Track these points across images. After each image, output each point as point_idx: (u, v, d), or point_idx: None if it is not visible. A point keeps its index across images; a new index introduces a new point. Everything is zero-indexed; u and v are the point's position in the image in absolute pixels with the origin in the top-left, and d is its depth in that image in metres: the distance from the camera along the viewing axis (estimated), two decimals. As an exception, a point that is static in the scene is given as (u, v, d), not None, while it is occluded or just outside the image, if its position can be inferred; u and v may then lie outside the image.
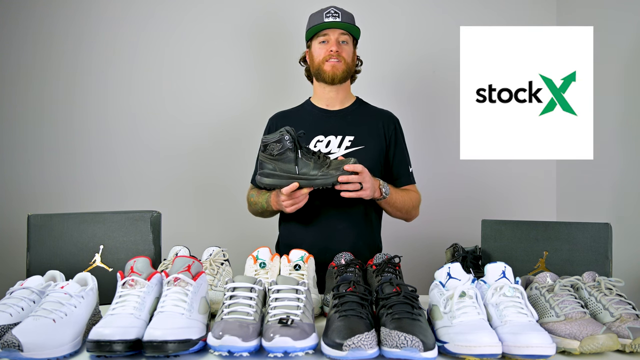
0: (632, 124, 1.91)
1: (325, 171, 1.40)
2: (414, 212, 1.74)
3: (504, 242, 1.49)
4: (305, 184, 1.41)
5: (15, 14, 2.26)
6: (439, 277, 1.09)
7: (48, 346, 0.91)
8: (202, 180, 2.33)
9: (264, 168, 1.43)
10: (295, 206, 1.48)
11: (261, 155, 1.44)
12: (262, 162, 1.44)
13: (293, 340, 0.90)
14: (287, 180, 1.41)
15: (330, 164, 1.42)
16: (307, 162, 1.41)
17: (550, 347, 0.91)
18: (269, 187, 1.45)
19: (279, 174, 1.41)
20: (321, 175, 1.40)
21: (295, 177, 1.40)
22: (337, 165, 1.41)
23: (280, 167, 1.41)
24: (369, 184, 1.47)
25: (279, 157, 1.41)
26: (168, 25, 2.33)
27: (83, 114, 2.29)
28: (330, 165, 1.41)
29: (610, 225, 1.38)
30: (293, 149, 1.41)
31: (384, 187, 1.57)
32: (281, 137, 1.40)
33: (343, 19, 1.66)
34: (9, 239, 2.17)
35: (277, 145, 1.40)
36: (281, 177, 1.41)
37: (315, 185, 1.41)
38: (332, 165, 1.41)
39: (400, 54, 2.39)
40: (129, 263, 1.08)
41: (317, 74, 1.71)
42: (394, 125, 1.75)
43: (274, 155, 1.41)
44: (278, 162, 1.41)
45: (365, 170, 1.46)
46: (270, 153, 1.41)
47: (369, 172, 1.48)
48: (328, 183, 1.40)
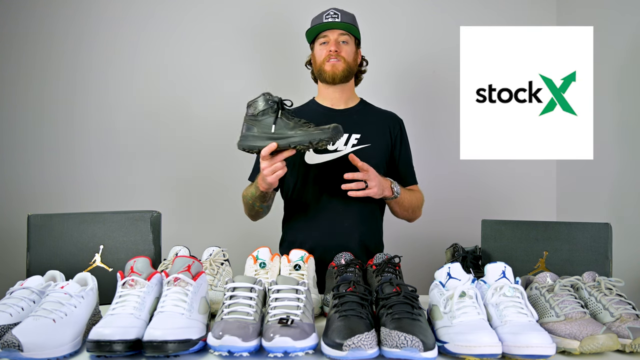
0: (631, 124, 1.91)
1: (304, 130, 1.34)
2: (418, 212, 1.76)
3: (504, 242, 1.49)
4: (282, 144, 1.34)
5: (15, 14, 2.26)
6: (439, 277, 1.09)
7: (48, 346, 0.91)
8: (202, 180, 2.33)
9: (243, 131, 1.39)
10: (276, 174, 1.39)
11: (245, 118, 1.40)
12: (243, 125, 1.39)
13: (293, 340, 0.90)
14: (266, 140, 1.35)
15: (310, 126, 1.36)
16: (287, 122, 1.36)
17: (550, 347, 0.91)
18: (247, 148, 1.38)
19: (256, 134, 1.36)
20: (300, 134, 1.33)
21: (272, 137, 1.35)
22: (319, 127, 1.35)
23: (260, 128, 1.36)
24: (375, 182, 1.47)
25: (260, 118, 1.37)
26: (169, 25, 2.33)
27: (83, 113, 2.29)
28: (310, 127, 1.36)
29: (610, 225, 1.38)
30: (274, 109, 1.36)
31: (395, 187, 1.57)
32: (262, 97, 1.37)
33: (342, 19, 1.67)
34: (9, 239, 2.17)
35: (259, 105, 1.37)
36: (259, 137, 1.36)
37: (293, 143, 1.33)
38: (314, 127, 1.36)
39: (401, 54, 2.39)
40: (129, 263, 1.08)
41: (319, 74, 1.72)
42: (399, 126, 1.77)
43: (255, 115, 1.37)
44: (258, 122, 1.37)
45: (371, 169, 1.46)
46: (252, 114, 1.38)
47: (375, 171, 1.48)
48: (305, 141, 1.32)
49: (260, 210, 1.68)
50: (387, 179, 1.57)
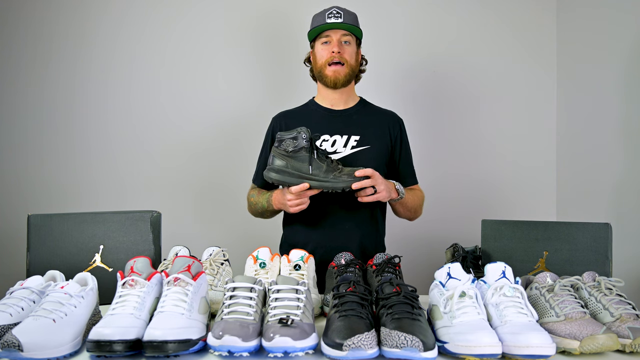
0: (632, 124, 1.91)
1: (337, 175, 1.41)
2: (419, 211, 1.77)
3: (504, 242, 1.49)
4: (315, 185, 1.41)
5: (15, 14, 2.26)
6: (439, 277, 1.09)
7: (48, 346, 0.90)
8: (203, 180, 2.33)
9: (274, 163, 1.43)
10: (300, 207, 1.48)
11: (274, 150, 1.44)
12: (274, 157, 1.44)
13: (293, 340, 0.89)
14: (298, 179, 1.41)
15: (342, 170, 1.44)
16: (321, 164, 1.42)
17: (550, 347, 0.90)
18: (277, 182, 1.44)
19: (290, 171, 1.42)
20: (332, 179, 1.41)
21: (306, 177, 1.41)
22: (349, 172, 1.43)
23: (293, 165, 1.42)
24: (383, 185, 1.48)
25: (293, 155, 1.42)
26: (169, 25, 2.33)
27: (83, 114, 2.29)
28: (342, 171, 1.43)
29: (610, 225, 1.38)
30: (308, 149, 1.42)
31: (399, 188, 1.58)
32: (298, 135, 1.41)
33: (345, 19, 1.65)
34: (9, 239, 2.17)
35: (293, 142, 1.41)
36: (292, 175, 1.42)
37: (325, 187, 1.41)
38: (344, 171, 1.43)
39: (401, 54, 2.39)
40: (129, 263, 1.08)
41: (319, 76, 1.70)
42: (399, 126, 1.76)
43: (288, 152, 1.42)
44: (291, 159, 1.42)
45: (377, 174, 1.47)
46: (285, 149, 1.42)
47: (380, 175, 1.49)
48: (338, 187, 1.41)
49: (268, 217, 1.75)
50: (390, 181, 1.57)
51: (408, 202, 1.66)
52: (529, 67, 2.41)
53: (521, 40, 2.41)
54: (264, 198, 1.64)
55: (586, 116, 2.20)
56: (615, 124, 2.00)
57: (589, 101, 2.17)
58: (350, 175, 1.42)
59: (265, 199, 1.63)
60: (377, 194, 1.47)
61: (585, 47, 2.22)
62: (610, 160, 2.02)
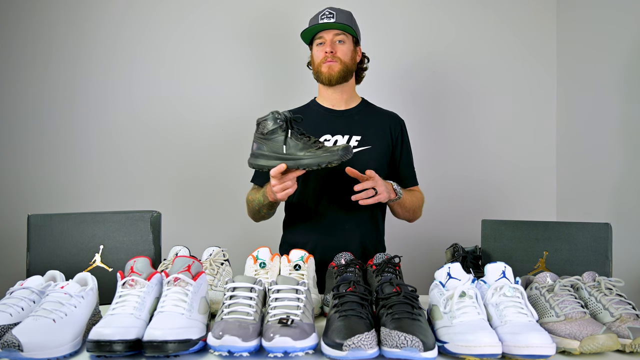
0: (632, 124, 1.91)
1: (313, 152, 1.35)
2: (418, 212, 1.76)
3: (504, 242, 1.49)
4: (291, 165, 1.36)
5: (15, 14, 2.26)
6: (439, 277, 1.09)
7: (48, 346, 0.90)
8: (203, 180, 2.33)
9: (253, 148, 1.41)
10: (286, 191, 1.41)
11: (254, 135, 1.42)
12: (254, 143, 1.41)
13: (293, 340, 0.89)
14: (275, 160, 1.37)
15: (320, 147, 1.38)
16: (297, 142, 1.37)
17: (550, 347, 0.90)
18: (256, 167, 1.41)
19: (266, 153, 1.38)
20: (309, 156, 1.35)
21: (282, 157, 1.37)
22: (326, 148, 1.37)
23: (270, 147, 1.38)
24: (383, 187, 1.48)
25: (269, 137, 1.38)
26: (169, 25, 2.33)
27: (83, 114, 2.29)
28: (320, 148, 1.37)
29: (610, 225, 1.38)
30: (284, 128, 1.37)
31: (397, 188, 1.58)
32: (272, 116, 1.38)
33: (337, 19, 1.65)
34: (9, 239, 2.17)
35: (268, 124, 1.38)
36: (269, 157, 1.38)
37: (302, 165, 1.35)
38: (323, 148, 1.38)
39: (401, 54, 2.39)
40: (129, 263, 1.08)
41: (317, 76, 1.72)
42: (400, 127, 1.76)
43: (264, 134, 1.38)
44: (268, 141, 1.38)
45: (376, 175, 1.46)
46: (261, 132, 1.39)
47: (379, 176, 1.48)
48: (314, 164, 1.34)
49: (266, 216, 1.70)
50: (388, 182, 1.57)
51: (406, 203, 1.65)
52: (529, 67, 2.41)
53: (521, 40, 2.41)
54: (260, 193, 1.62)
55: (586, 116, 2.20)
56: (615, 124, 2.00)
57: (589, 101, 2.17)
58: (327, 151, 1.35)
59: (261, 193, 1.61)
60: (377, 196, 1.47)
61: (585, 47, 2.22)
62: (610, 160, 2.02)
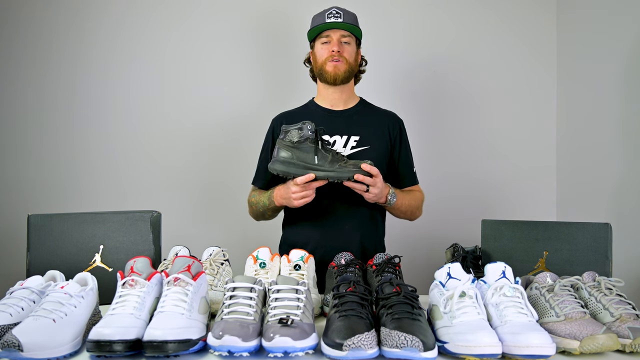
0: (632, 124, 1.91)
1: (342, 165, 1.42)
2: (418, 212, 1.76)
3: (504, 242, 1.48)
4: (321, 176, 1.41)
5: (15, 14, 2.26)
6: (439, 277, 1.09)
7: (48, 346, 0.90)
8: (203, 180, 2.33)
9: (279, 155, 1.43)
10: (304, 200, 1.47)
11: (279, 142, 1.44)
12: (278, 149, 1.43)
13: (293, 340, 0.89)
14: (303, 170, 1.41)
15: (347, 161, 1.44)
16: (326, 154, 1.42)
17: (550, 347, 0.90)
18: (282, 174, 1.43)
19: (295, 162, 1.42)
20: (338, 169, 1.41)
21: (312, 168, 1.41)
22: (354, 163, 1.44)
23: (298, 156, 1.42)
24: (378, 189, 1.48)
25: (298, 146, 1.42)
26: (169, 25, 2.33)
27: (83, 114, 2.29)
28: (347, 162, 1.44)
29: (610, 225, 1.38)
30: (313, 140, 1.42)
31: (390, 196, 1.57)
32: (303, 126, 1.42)
33: (345, 19, 1.66)
34: (9, 239, 2.17)
35: (299, 133, 1.41)
36: (298, 165, 1.41)
37: (331, 177, 1.41)
38: (349, 162, 1.44)
39: (401, 54, 2.39)
40: (129, 263, 1.08)
41: (319, 74, 1.71)
42: (399, 126, 1.76)
43: (293, 142, 1.42)
44: (296, 150, 1.42)
45: (380, 176, 1.47)
46: (290, 140, 1.42)
47: (382, 180, 1.49)
48: (343, 177, 1.41)
49: (269, 218, 1.73)
50: (387, 186, 1.57)
51: (402, 206, 1.65)
52: (529, 66, 2.41)
53: (521, 40, 2.41)
54: (265, 196, 1.63)
55: (586, 116, 2.19)
56: (615, 124, 2.00)
57: (589, 101, 2.17)
58: (355, 166, 1.42)
59: (266, 197, 1.63)
60: (365, 193, 1.48)
61: (585, 47, 2.22)
62: (610, 160, 2.02)
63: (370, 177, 1.45)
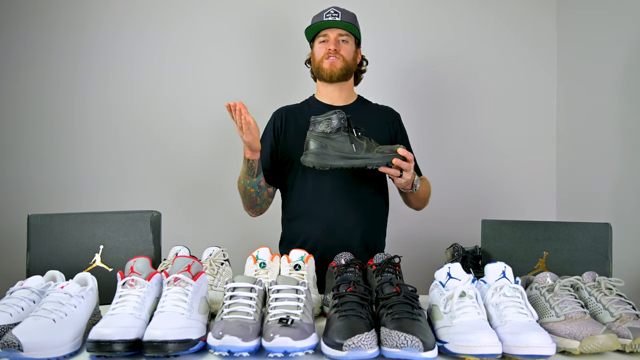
0: (632, 123, 1.91)
1: (379, 152, 1.41)
2: (428, 200, 1.78)
3: (504, 242, 1.49)
4: (360, 164, 1.40)
5: (15, 14, 2.26)
6: (439, 277, 1.09)
7: (48, 346, 0.90)
8: (203, 180, 2.33)
9: (310, 147, 1.41)
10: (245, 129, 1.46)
11: (310, 134, 1.42)
12: (309, 141, 1.42)
13: (293, 340, 0.89)
14: (340, 160, 1.40)
15: (380, 147, 1.43)
16: (361, 142, 1.42)
17: (550, 347, 0.90)
18: (318, 166, 1.41)
19: (330, 153, 1.40)
20: (376, 155, 1.40)
21: (349, 157, 1.40)
22: (389, 148, 1.43)
23: (333, 146, 1.40)
24: (410, 175, 1.47)
25: (331, 136, 1.40)
26: (169, 24, 2.33)
27: (83, 114, 2.29)
28: (381, 148, 1.43)
29: (610, 225, 1.38)
30: (347, 129, 1.41)
31: (417, 182, 1.57)
32: (334, 116, 1.41)
33: (343, 18, 1.67)
34: (9, 239, 2.17)
35: (331, 123, 1.40)
36: (333, 156, 1.40)
37: (370, 164, 1.40)
38: (383, 148, 1.43)
39: (401, 53, 2.39)
40: (129, 263, 1.08)
41: (317, 72, 1.72)
42: (397, 120, 1.78)
43: (326, 133, 1.40)
44: (330, 140, 1.41)
45: (413, 161, 1.46)
46: (323, 131, 1.41)
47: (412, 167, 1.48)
48: (382, 164, 1.41)
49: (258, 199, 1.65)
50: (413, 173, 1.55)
51: (421, 193, 1.66)
52: (529, 66, 2.41)
53: (521, 40, 2.41)
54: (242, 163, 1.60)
55: (586, 116, 2.20)
56: (615, 123, 2.00)
57: (589, 101, 2.17)
58: (392, 151, 1.41)
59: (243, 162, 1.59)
60: (398, 179, 1.46)
61: (585, 47, 2.22)
62: (610, 160, 2.02)
63: (406, 162, 1.44)
